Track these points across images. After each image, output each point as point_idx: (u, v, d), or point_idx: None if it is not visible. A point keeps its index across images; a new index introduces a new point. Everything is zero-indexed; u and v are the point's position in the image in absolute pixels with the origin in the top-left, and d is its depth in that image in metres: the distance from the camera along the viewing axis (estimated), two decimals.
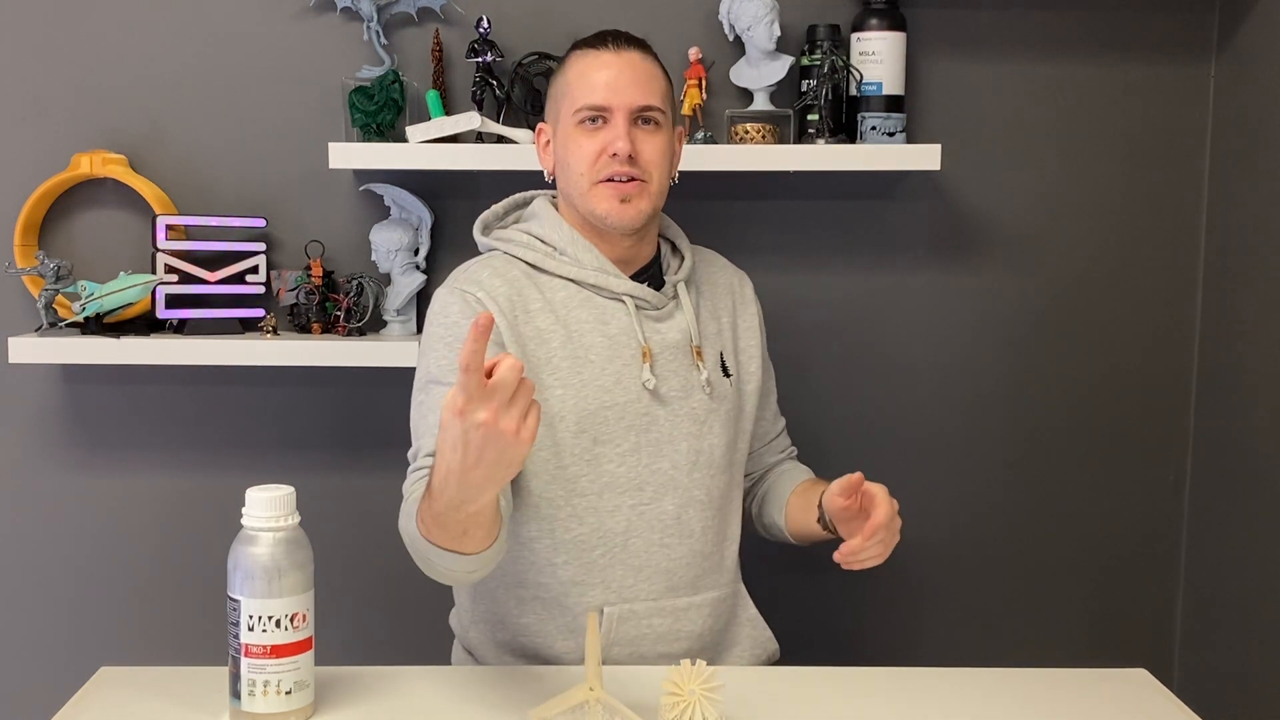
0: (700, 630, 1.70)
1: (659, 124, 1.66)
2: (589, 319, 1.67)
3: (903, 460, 2.39)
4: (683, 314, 1.72)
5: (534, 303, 1.66)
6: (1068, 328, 2.37)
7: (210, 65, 2.28)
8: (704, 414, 1.70)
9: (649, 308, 1.70)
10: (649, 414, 1.66)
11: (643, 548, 1.66)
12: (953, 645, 2.41)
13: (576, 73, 1.67)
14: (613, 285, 1.68)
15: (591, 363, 1.65)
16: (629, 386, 1.66)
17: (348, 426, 2.35)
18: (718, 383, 1.72)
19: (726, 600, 1.75)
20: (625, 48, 1.67)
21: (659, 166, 1.66)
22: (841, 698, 1.51)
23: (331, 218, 2.30)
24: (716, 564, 1.73)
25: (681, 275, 1.74)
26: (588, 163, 1.64)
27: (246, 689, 1.36)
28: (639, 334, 1.67)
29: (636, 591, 1.66)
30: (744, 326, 1.82)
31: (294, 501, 1.38)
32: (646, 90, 1.65)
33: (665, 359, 1.69)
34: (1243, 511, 2.21)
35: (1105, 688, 1.55)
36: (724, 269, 1.85)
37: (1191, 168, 2.34)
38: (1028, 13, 2.30)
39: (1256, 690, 2.16)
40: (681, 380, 1.69)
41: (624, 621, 1.66)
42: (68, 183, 2.26)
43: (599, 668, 1.36)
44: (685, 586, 1.69)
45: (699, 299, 1.77)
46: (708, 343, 1.74)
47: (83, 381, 2.33)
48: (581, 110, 1.64)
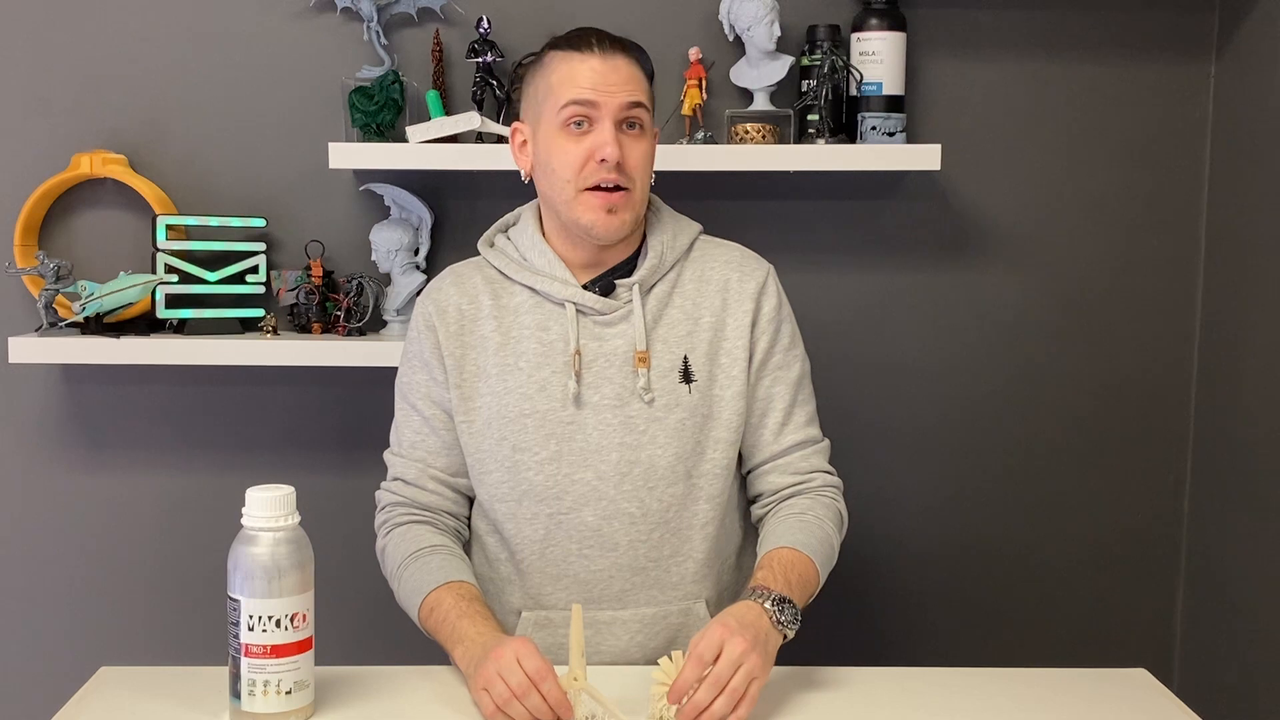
0: (625, 646, 1.65)
1: (644, 127, 1.62)
2: (530, 325, 1.64)
3: (902, 460, 2.39)
4: (633, 320, 1.64)
5: (484, 309, 1.66)
6: (1068, 328, 2.37)
7: (210, 65, 2.28)
8: (643, 423, 1.61)
9: (593, 313, 1.64)
10: (574, 422, 1.61)
11: (560, 557, 1.64)
12: (953, 645, 2.41)
13: (561, 74, 1.60)
14: (556, 290, 1.63)
15: (520, 370, 1.63)
16: (552, 394, 1.62)
17: (348, 426, 2.35)
18: (666, 390, 1.62)
19: (670, 619, 1.66)
20: (610, 48, 1.61)
21: (642, 174, 1.62)
22: (841, 698, 1.50)
23: (331, 218, 2.30)
24: (654, 580, 1.64)
25: (637, 278, 1.65)
26: (573, 169, 1.58)
27: (246, 689, 1.35)
28: (573, 339, 1.63)
29: (554, 600, 1.65)
30: (731, 326, 1.67)
31: (294, 501, 1.38)
32: (634, 89, 1.60)
33: (601, 366, 1.62)
34: (1243, 511, 2.21)
35: (1105, 688, 1.55)
36: (727, 264, 1.70)
37: (1191, 168, 2.34)
38: (1028, 13, 2.30)
39: (1256, 690, 2.16)
40: (616, 388, 1.62)
41: (540, 628, 1.65)
42: (68, 183, 2.26)
43: (582, 658, 1.38)
44: (610, 599, 1.64)
45: (673, 298, 1.67)
46: (667, 347, 1.64)
47: (83, 381, 2.33)
48: (569, 107, 1.57)
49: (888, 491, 2.39)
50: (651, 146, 1.66)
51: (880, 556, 2.41)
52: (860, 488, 2.38)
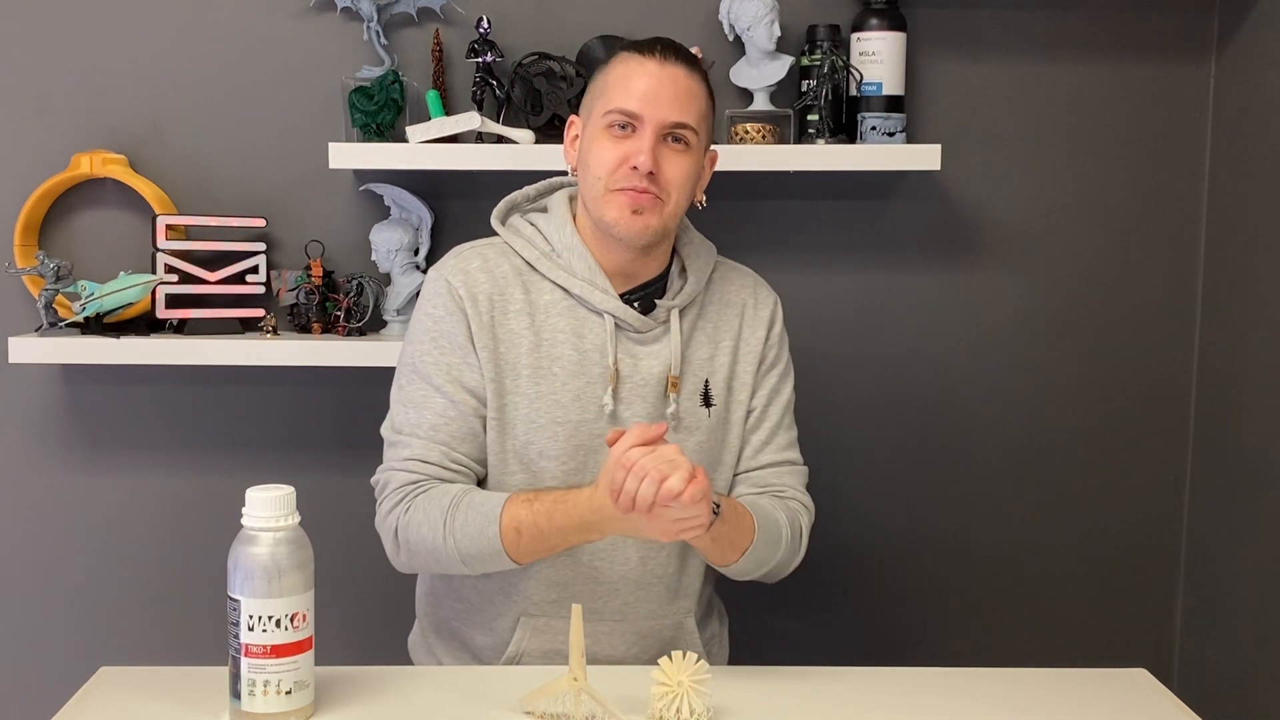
0: (621, 656, 1.66)
1: (689, 144, 1.60)
2: (565, 329, 1.63)
3: (902, 460, 2.39)
4: (668, 341, 1.65)
5: (514, 303, 1.64)
6: (1067, 327, 2.37)
7: (210, 65, 2.28)
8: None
9: (630, 329, 1.64)
10: (604, 436, 1.59)
11: (569, 565, 1.64)
12: (952, 645, 2.41)
13: (618, 75, 1.60)
14: (596, 300, 1.63)
15: (554, 375, 1.62)
16: (587, 406, 1.62)
17: (348, 426, 2.35)
18: (689, 414, 1.65)
19: (664, 632, 1.69)
20: (672, 60, 1.60)
21: (680, 188, 1.60)
22: (840, 698, 1.50)
23: (331, 218, 2.30)
24: (655, 596, 1.67)
25: (678, 301, 1.67)
26: (607, 169, 1.59)
27: (246, 689, 1.35)
28: (611, 354, 1.62)
29: (557, 608, 1.65)
30: (744, 350, 1.71)
31: (294, 501, 1.38)
32: (683, 108, 1.59)
33: (635, 385, 1.63)
34: (1243, 511, 2.21)
35: (1105, 688, 1.55)
36: (743, 288, 1.74)
37: (1191, 168, 2.34)
38: (1028, 13, 2.30)
39: (1256, 690, 2.16)
40: (648, 408, 1.63)
41: (538, 634, 1.66)
42: (68, 183, 2.26)
43: (582, 659, 1.38)
44: (612, 612, 1.65)
45: (699, 322, 1.69)
46: (692, 371, 1.66)
47: (83, 381, 2.33)
48: (612, 113, 1.59)
49: (887, 491, 2.39)
50: (696, 163, 1.63)
51: (879, 556, 2.41)
52: (859, 487, 2.40)
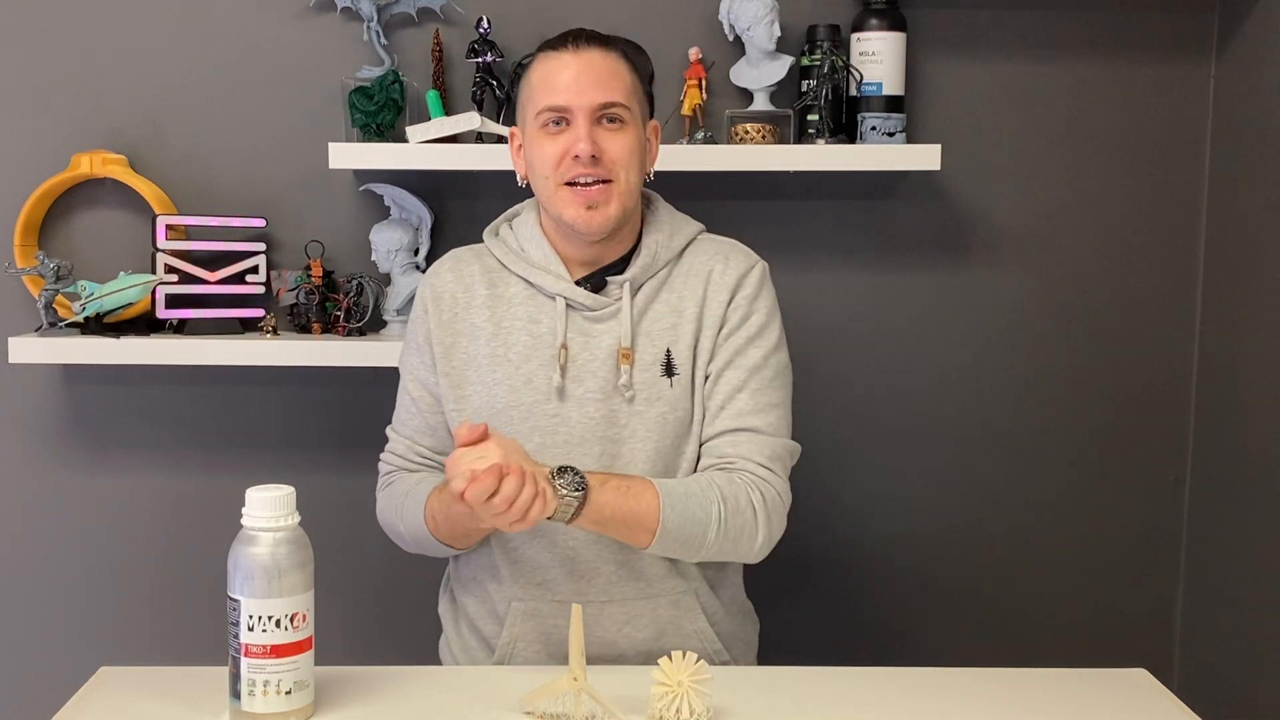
0: (614, 638, 1.66)
1: (624, 121, 1.62)
2: (522, 317, 1.67)
3: (902, 460, 2.39)
4: (622, 317, 1.66)
5: (478, 299, 1.69)
6: (1067, 327, 2.37)
7: (210, 65, 2.28)
8: (624, 417, 1.63)
9: (583, 309, 1.66)
10: (558, 415, 1.63)
11: (546, 547, 1.66)
12: (952, 645, 2.41)
13: (539, 75, 1.64)
14: (549, 284, 1.66)
15: (509, 361, 1.66)
16: (539, 386, 1.64)
17: (348, 426, 2.35)
18: (647, 385, 1.64)
19: (658, 610, 1.68)
20: (585, 46, 1.63)
21: (627, 165, 1.62)
22: (840, 698, 1.50)
23: (331, 218, 2.30)
24: (638, 573, 1.66)
25: (628, 275, 1.66)
26: (551, 165, 1.61)
27: (246, 689, 1.35)
28: (561, 334, 1.65)
29: (542, 592, 1.66)
30: (708, 316, 1.67)
31: (294, 501, 1.38)
32: (608, 88, 1.61)
33: (586, 360, 1.64)
34: (1243, 511, 2.21)
35: (1105, 688, 1.55)
36: (714, 256, 1.70)
37: (1191, 168, 2.34)
38: (1028, 13, 2.30)
39: (1256, 690, 2.16)
40: (600, 382, 1.63)
41: (529, 618, 1.67)
42: (68, 183, 2.26)
43: (582, 658, 1.38)
44: (596, 591, 1.66)
45: (661, 292, 1.68)
46: (650, 342, 1.65)
47: (83, 381, 2.33)
48: (543, 113, 1.62)
49: (887, 491, 2.40)
50: (637, 137, 1.64)
51: (879, 556, 2.41)
52: (859, 487, 2.40)
